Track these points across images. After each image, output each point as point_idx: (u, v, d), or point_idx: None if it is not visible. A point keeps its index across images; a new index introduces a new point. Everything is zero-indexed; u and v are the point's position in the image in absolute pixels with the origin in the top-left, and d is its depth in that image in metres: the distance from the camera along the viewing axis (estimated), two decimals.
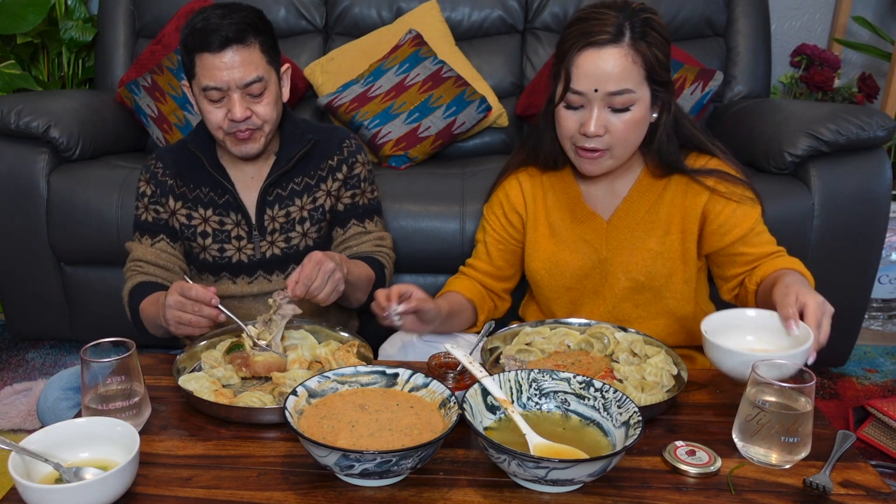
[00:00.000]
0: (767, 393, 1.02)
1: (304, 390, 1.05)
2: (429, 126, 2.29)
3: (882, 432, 1.84)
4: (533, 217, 1.49)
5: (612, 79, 1.26)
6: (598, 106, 1.28)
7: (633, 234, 1.42)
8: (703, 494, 0.97)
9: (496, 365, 1.27)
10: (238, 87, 1.40)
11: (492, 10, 2.58)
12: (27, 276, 2.17)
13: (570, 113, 1.32)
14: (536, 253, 1.48)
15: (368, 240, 1.62)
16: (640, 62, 1.27)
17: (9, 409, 2.00)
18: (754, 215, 1.37)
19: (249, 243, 1.56)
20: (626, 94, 1.27)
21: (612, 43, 1.26)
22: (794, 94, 2.75)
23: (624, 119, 1.29)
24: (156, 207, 1.56)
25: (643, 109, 1.30)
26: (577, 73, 1.28)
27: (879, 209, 1.96)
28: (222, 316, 1.26)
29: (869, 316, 2.55)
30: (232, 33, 1.37)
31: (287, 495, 0.96)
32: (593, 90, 1.27)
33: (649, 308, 1.44)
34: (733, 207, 1.36)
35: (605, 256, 1.43)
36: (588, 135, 1.30)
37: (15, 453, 0.92)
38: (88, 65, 2.80)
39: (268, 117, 1.45)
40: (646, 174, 1.42)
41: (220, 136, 1.47)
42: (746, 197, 1.37)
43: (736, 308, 1.24)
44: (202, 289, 1.24)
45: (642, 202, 1.42)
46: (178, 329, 1.29)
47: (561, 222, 1.46)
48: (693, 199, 1.39)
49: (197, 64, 1.41)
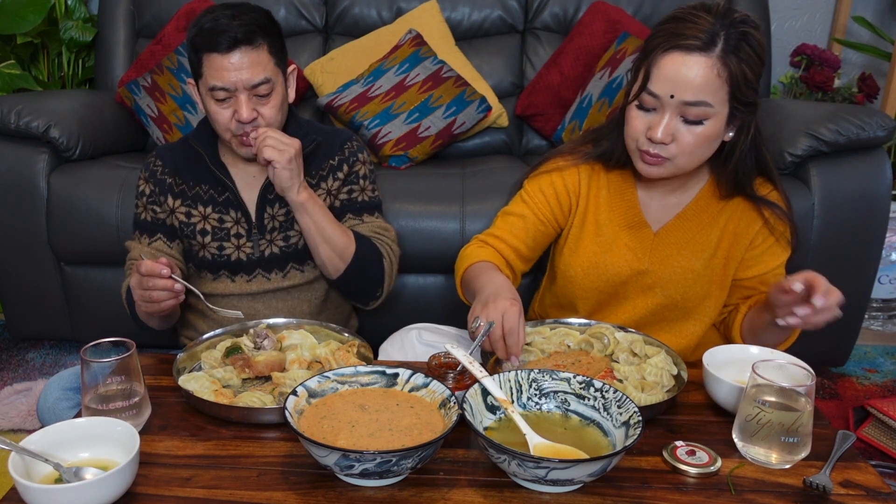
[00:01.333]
0: (767, 393, 1.02)
1: (304, 390, 1.05)
2: (429, 126, 2.29)
3: (882, 432, 1.84)
4: (583, 211, 1.42)
5: (691, 88, 1.19)
6: (670, 113, 1.22)
7: (679, 252, 1.37)
8: (703, 494, 0.97)
9: (496, 365, 1.27)
10: (245, 88, 1.40)
11: (492, 10, 2.58)
12: (27, 276, 2.17)
13: (640, 113, 1.25)
14: (578, 250, 1.42)
15: (366, 227, 1.59)
16: (727, 77, 1.19)
17: (9, 409, 2.00)
18: (783, 257, 1.37)
19: (248, 241, 1.56)
20: (703, 106, 1.20)
21: (700, 50, 1.18)
22: (794, 94, 2.75)
23: (695, 132, 1.22)
24: (154, 207, 1.56)
25: (717, 126, 1.23)
26: (657, 75, 1.21)
27: (879, 209, 1.96)
28: (178, 286, 1.30)
29: (869, 316, 2.55)
30: (241, 34, 1.37)
31: (287, 495, 0.96)
32: (669, 96, 1.20)
33: (674, 325, 1.42)
34: (771, 243, 1.35)
35: (645, 268, 1.39)
36: (654, 140, 1.23)
37: (15, 453, 0.92)
38: (88, 65, 2.80)
39: (273, 119, 1.45)
40: (707, 192, 1.37)
41: (227, 138, 1.47)
42: (784, 237, 1.35)
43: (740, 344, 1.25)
44: (151, 263, 1.28)
45: (696, 220, 1.37)
46: (148, 308, 1.34)
47: (609, 223, 1.41)
48: (747, 226, 1.35)
49: (204, 64, 1.41)
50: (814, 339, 2.10)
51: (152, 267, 1.27)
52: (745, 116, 1.26)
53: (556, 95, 2.41)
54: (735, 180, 1.33)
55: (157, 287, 1.29)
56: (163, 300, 1.30)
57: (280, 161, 1.39)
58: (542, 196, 1.45)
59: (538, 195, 1.45)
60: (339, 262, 1.53)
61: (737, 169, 1.31)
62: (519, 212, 1.46)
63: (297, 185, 1.44)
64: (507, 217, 1.47)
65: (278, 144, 1.39)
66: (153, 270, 1.27)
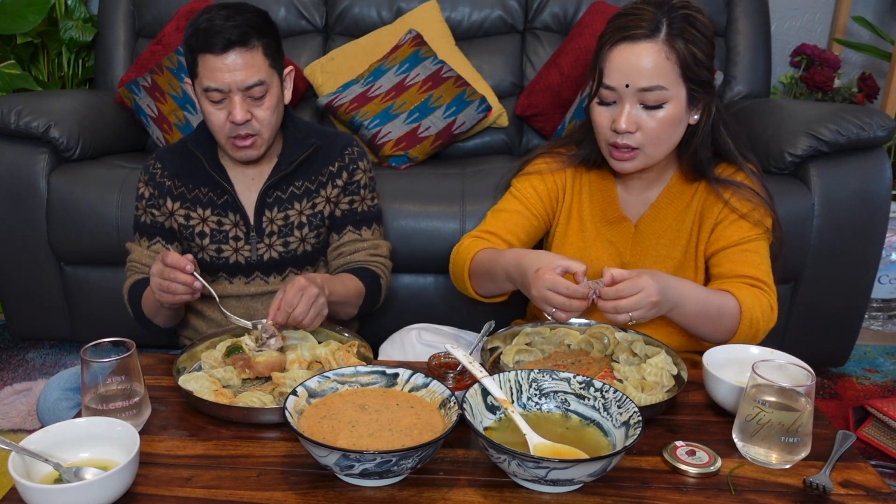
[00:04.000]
0: (767, 393, 1.02)
1: (304, 390, 1.05)
2: (429, 126, 2.29)
3: (882, 432, 1.84)
4: (567, 207, 1.47)
5: (643, 74, 1.24)
6: (629, 102, 1.27)
7: (658, 242, 1.40)
8: (703, 494, 0.97)
9: (496, 365, 1.27)
10: (239, 89, 1.40)
11: (492, 10, 2.58)
12: (27, 276, 2.17)
13: (602, 109, 1.31)
14: (564, 247, 1.46)
15: (363, 248, 1.61)
16: (675, 59, 1.24)
17: (9, 409, 2.00)
18: (750, 233, 1.35)
19: (247, 244, 1.56)
20: (658, 90, 1.25)
21: (646, 38, 1.25)
22: (794, 94, 2.75)
23: (657, 117, 1.27)
24: (153, 210, 1.57)
25: (677, 108, 1.28)
26: (610, 68, 1.27)
27: (879, 209, 1.96)
28: (198, 283, 1.32)
29: (869, 316, 2.55)
30: (235, 35, 1.37)
31: (287, 495, 0.96)
32: (625, 85, 1.26)
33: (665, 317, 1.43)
34: (734, 219, 1.35)
35: (627, 260, 1.42)
36: (619, 131, 1.28)
37: (15, 453, 0.92)
38: (88, 65, 2.80)
39: (267, 122, 1.45)
40: (677, 179, 1.40)
41: (222, 140, 1.47)
42: (751, 218, 1.35)
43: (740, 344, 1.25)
44: (177, 255, 1.30)
45: (671, 208, 1.40)
46: (161, 297, 1.36)
47: (591, 220, 1.45)
48: (710, 208, 1.38)
49: (199, 64, 1.41)
50: (814, 339, 2.11)
51: (177, 260, 1.30)
52: (704, 97, 1.30)
53: (556, 95, 2.41)
54: (694, 164, 1.36)
55: (177, 279, 1.31)
56: (179, 292, 1.33)
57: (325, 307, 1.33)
58: (533, 192, 1.48)
59: (529, 191, 1.48)
60: (353, 310, 1.56)
61: (696, 153, 1.35)
62: (512, 208, 1.48)
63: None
64: (500, 214, 1.49)
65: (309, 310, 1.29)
66: (178, 263, 1.30)
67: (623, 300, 1.16)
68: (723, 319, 1.29)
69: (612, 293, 1.16)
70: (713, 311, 1.28)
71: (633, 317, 1.18)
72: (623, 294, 1.16)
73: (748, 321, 1.29)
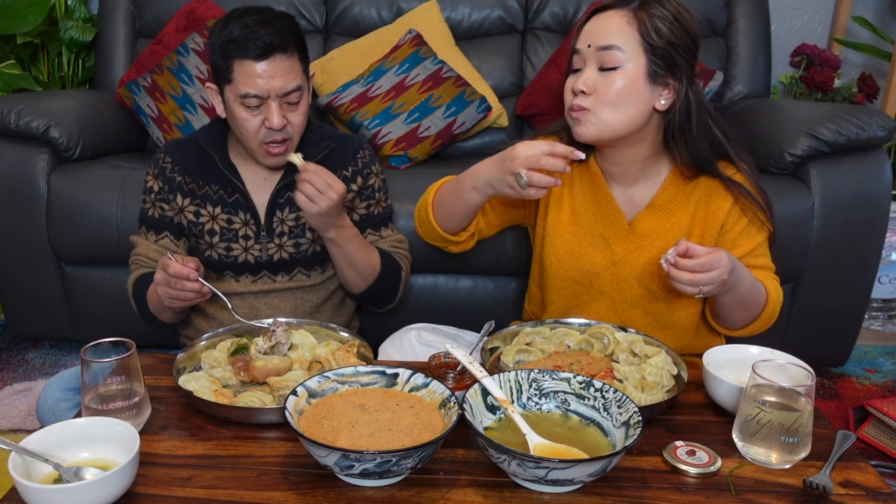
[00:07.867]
0: (767, 393, 1.02)
1: (304, 390, 1.05)
2: (429, 126, 2.29)
3: (882, 432, 1.84)
4: (557, 197, 1.47)
5: (602, 33, 1.30)
6: (590, 65, 1.31)
7: (651, 243, 1.40)
8: (703, 494, 0.97)
9: (496, 365, 1.27)
10: (278, 95, 1.40)
11: (492, 10, 2.58)
12: (27, 276, 2.17)
13: (572, 77, 1.34)
14: (556, 237, 1.46)
15: (386, 242, 1.64)
16: (636, 26, 1.28)
17: (9, 409, 2.00)
18: (759, 238, 1.38)
19: (257, 244, 1.56)
20: (613, 49, 1.28)
21: (615, 7, 1.31)
22: (794, 94, 2.75)
23: (611, 79, 1.29)
24: (162, 205, 1.56)
25: (633, 76, 1.29)
26: (580, 36, 1.33)
27: (879, 209, 1.96)
28: (205, 288, 1.33)
29: (869, 316, 2.55)
30: (277, 41, 1.37)
31: (287, 495, 0.96)
32: (587, 45, 1.31)
33: (660, 319, 1.43)
34: (744, 224, 1.37)
35: (619, 259, 1.41)
36: (575, 91, 1.32)
37: (15, 453, 0.92)
38: (88, 65, 2.80)
39: (300, 127, 1.47)
40: (674, 176, 1.40)
41: (253, 146, 1.46)
42: (757, 219, 1.37)
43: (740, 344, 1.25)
44: (180, 266, 1.30)
45: (666, 210, 1.40)
46: (172, 304, 1.38)
47: (585, 212, 1.45)
48: (717, 204, 1.38)
49: (235, 70, 1.39)
50: (814, 339, 2.11)
51: (180, 270, 1.30)
52: (672, 81, 1.30)
53: (556, 95, 2.41)
54: (693, 156, 1.37)
55: (184, 288, 1.32)
56: (189, 298, 1.35)
57: (309, 212, 1.39)
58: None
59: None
60: (361, 282, 1.57)
61: (691, 152, 1.35)
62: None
63: (329, 229, 1.45)
64: None
65: (313, 194, 1.37)
66: (181, 274, 1.30)
67: (701, 274, 1.19)
68: (756, 306, 1.36)
69: (693, 265, 1.19)
70: (753, 297, 1.34)
71: (703, 291, 1.22)
72: (703, 268, 1.19)
73: (771, 309, 1.36)
